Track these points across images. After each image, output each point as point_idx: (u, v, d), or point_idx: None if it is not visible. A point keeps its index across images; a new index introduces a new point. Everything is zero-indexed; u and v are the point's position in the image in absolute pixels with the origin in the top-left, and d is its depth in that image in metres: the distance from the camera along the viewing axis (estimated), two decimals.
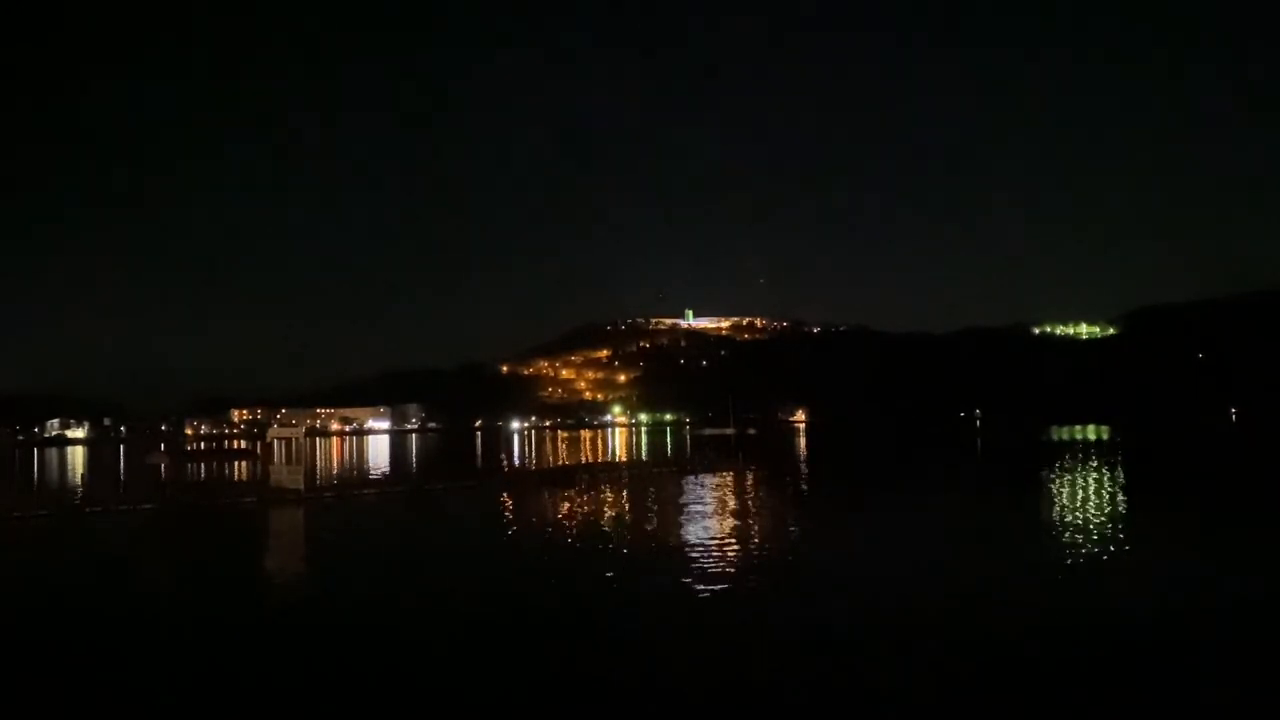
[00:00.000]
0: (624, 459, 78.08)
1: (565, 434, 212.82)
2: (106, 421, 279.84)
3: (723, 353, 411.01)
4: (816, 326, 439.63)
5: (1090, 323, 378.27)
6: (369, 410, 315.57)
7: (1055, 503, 35.85)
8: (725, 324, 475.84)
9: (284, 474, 44.83)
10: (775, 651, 14.53)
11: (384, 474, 65.04)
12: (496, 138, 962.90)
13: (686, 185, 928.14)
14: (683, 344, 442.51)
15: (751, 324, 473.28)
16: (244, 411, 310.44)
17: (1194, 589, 19.03)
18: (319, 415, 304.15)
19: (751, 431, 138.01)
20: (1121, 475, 50.88)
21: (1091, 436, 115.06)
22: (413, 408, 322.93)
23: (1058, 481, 45.69)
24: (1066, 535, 26.25)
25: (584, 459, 77.89)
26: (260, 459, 47.89)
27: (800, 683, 12.86)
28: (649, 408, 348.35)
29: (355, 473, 69.89)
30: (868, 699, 12.19)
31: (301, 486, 43.05)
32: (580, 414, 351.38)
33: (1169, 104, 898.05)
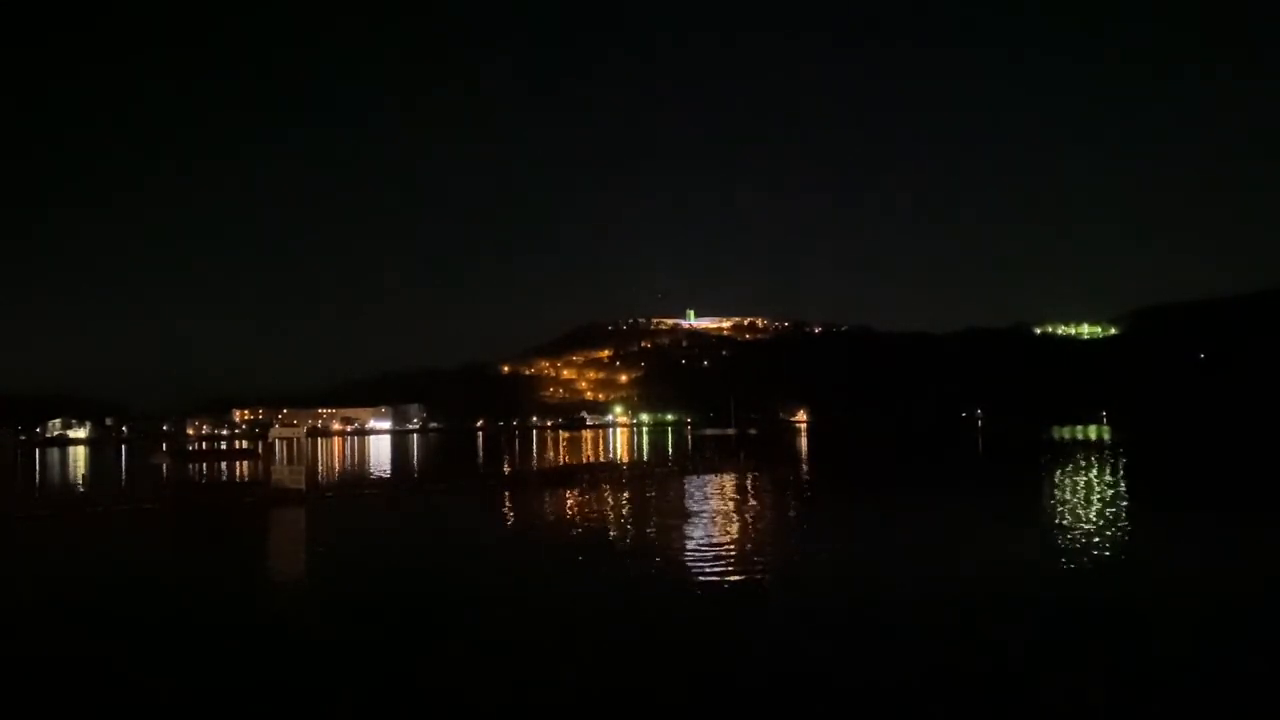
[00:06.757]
0: (625, 459, 78.12)
1: (566, 434, 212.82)
2: (108, 422, 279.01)
3: (724, 353, 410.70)
4: (818, 327, 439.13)
5: (1091, 323, 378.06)
6: (370, 410, 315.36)
7: (1055, 501, 35.89)
8: (727, 324, 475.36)
9: (285, 474, 44.90)
10: (771, 652, 14.57)
11: (385, 474, 65.03)
12: (497, 138, 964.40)
13: (688, 185, 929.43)
14: (684, 344, 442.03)
15: (753, 324, 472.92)
16: (246, 411, 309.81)
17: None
18: (320, 415, 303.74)
19: (753, 432, 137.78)
20: (1113, 474, 50.93)
21: (1093, 436, 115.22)
22: (414, 408, 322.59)
23: (1057, 480, 45.73)
24: (1065, 533, 26.31)
25: (585, 459, 77.89)
26: (262, 459, 47.94)
27: (797, 682, 12.91)
28: (650, 408, 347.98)
29: (357, 473, 69.92)
30: (866, 698, 12.25)
31: (303, 486, 43.10)
32: (581, 414, 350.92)
33: (1169, 104, 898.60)
